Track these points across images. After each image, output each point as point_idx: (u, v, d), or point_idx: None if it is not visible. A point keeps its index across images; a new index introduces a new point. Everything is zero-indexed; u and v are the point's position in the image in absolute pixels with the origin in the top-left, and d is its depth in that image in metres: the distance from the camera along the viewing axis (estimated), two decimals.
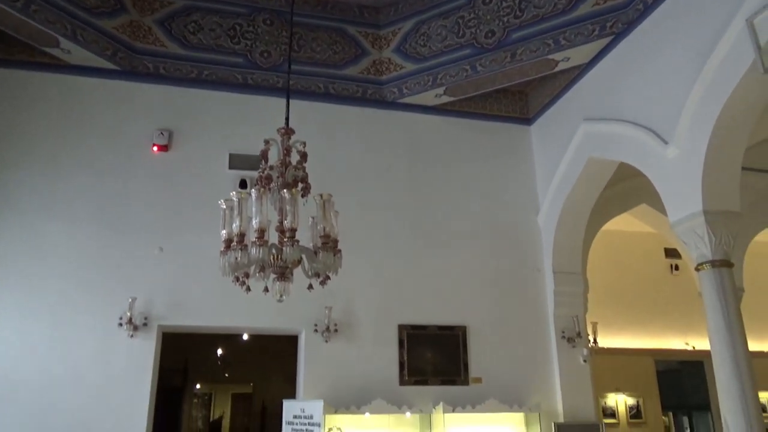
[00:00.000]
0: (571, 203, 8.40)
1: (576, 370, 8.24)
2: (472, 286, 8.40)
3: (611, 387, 10.87)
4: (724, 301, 5.81)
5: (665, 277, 11.98)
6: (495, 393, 7.75)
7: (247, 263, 3.65)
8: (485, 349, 8.14)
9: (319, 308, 7.67)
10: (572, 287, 8.54)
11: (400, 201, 8.59)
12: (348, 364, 7.66)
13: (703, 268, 6.00)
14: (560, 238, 8.59)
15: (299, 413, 7.03)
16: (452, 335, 8.10)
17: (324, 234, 3.86)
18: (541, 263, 8.74)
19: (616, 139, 7.32)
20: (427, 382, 7.84)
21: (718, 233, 5.92)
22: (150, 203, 7.77)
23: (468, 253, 8.55)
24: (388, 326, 7.97)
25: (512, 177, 9.17)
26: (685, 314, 11.33)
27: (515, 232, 8.86)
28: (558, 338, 8.32)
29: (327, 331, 7.64)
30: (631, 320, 11.37)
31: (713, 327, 5.84)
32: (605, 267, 10.95)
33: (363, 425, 7.31)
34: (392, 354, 7.87)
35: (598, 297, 9.50)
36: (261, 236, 3.64)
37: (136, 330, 7.18)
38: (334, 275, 4.47)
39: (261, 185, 3.89)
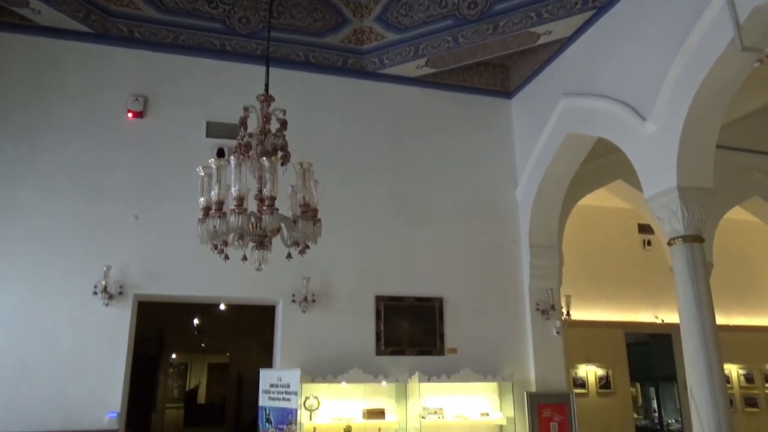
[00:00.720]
0: (549, 178, 8.47)
1: (549, 341, 8.42)
2: (450, 258, 8.48)
3: (582, 358, 11.14)
4: (694, 275, 5.96)
5: (638, 252, 12.21)
6: (470, 363, 7.89)
7: (226, 231, 3.61)
8: (461, 321, 8.26)
9: (296, 279, 7.68)
10: (548, 261, 8.67)
11: (379, 173, 8.57)
12: (325, 334, 7.71)
13: (676, 242, 6.13)
14: (537, 212, 8.69)
15: (276, 382, 7.08)
16: (429, 306, 8.19)
17: (304, 203, 3.84)
18: (517, 236, 8.84)
19: (595, 114, 7.37)
20: (403, 352, 7.94)
21: (691, 209, 6.04)
22: (125, 171, 7.64)
23: (446, 225, 8.60)
24: (365, 297, 8.03)
25: (491, 151, 9.20)
26: (655, 288, 11.60)
27: (493, 206, 8.93)
28: (532, 310, 8.47)
29: (304, 301, 7.66)
30: (604, 294, 11.61)
31: (683, 300, 5.99)
32: (580, 241, 11.11)
33: (340, 394, 7.39)
34: (369, 324, 7.94)
35: (573, 270, 9.66)
36: (240, 204, 3.61)
37: (112, 299, 7.11)
38: (313, 244, 4.46)
39: (240, 153, 3.83)
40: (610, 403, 11.15)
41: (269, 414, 7.05)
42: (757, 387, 12.29)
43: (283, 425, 6.83)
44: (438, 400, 7.65)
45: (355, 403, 7.40)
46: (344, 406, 7.37)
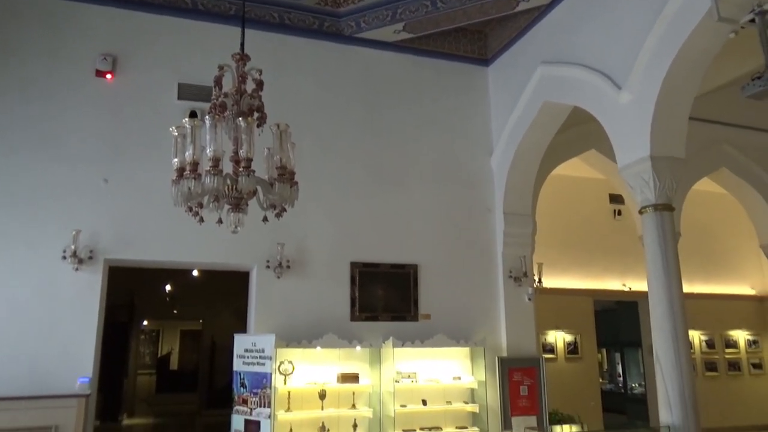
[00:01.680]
0: (524, 146, 8.51)
1: (520, 307, 8.57)
2: (425, 225, 8.51)
3: (552, 324, 11.39)
4: (663, 244, 6.09)
5: (608, 222, 12.44)
6: (443, 328, 8.00)
7: (201, 193, 3.54)
8: (435, 287, 8.34)
9: (271, 244, 7.64)
10: (521, 228, 8.77)
11: (354, 139, 8.50)
12: (300, 300, 7.72)
13: (646, 211, 6.24)
14: (512, 180, 8.74)
15: (251, 347, 7.09)
16: (403, 273, 8.24)
17: (280, 165, 3.78)
18: (492, 204, 8.91)
19: (572, 83, 7.39)
20: (377, 318, 8.01)
21: (662, 178, 6.14)
22: (93, 133, 7.42)
23: (422, 192, 8.62)
24: (340, 263, 8.03)
25: (468, 118, 9.18)
26: (624, 257, 11.86)
27: (468, 173, 8.96)
28: (505, 277, 8.59)
29: (279, 267, 7.64)
30: (574, 262, 11.83)
31: (652, 267, 6.13)
32: (553, 210, 11.26)
33: (314, 359, 7.44)
34: (344, 291, 7.97)
35: (545, 239, 9.80)
36: (215, 165, 3.53)
37: (81, 263, 6.98)
38: (289, 208, 4.42)
39: (215, 113, 3.74)
40: (577, 368, 11.47)
41: (244, 379, 7.07)
42: (717, 352, 12.77)
43: (258, 389, 6.87)
44: (411, 364, 7.76)
45: (330, 368, 7.47)
46: (319, 371, 7.42)
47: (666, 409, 5.81)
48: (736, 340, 13.02)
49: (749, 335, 13.13)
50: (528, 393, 8.06)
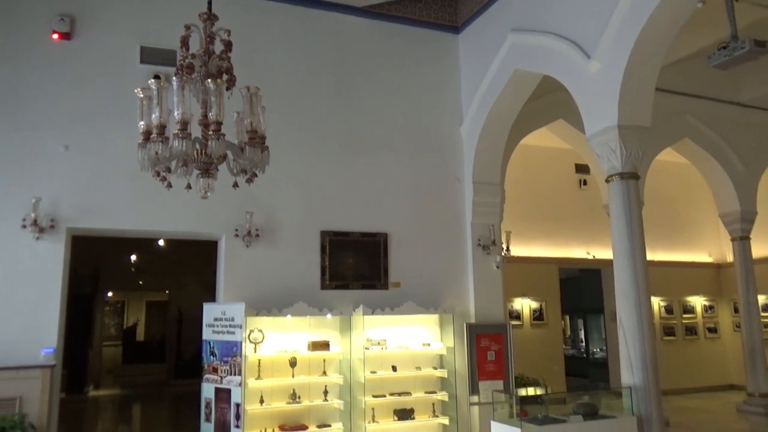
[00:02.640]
0: (494, 115, 8.52)
1: (489, 275, 8.70)
2: (395, 194, 8.51)
3: (519, 292, 11.63)
4: (628, 211, 6.23)
5: (574, 192, 12.65)
6: (413, 296, 8.08)
7: (169, 157, 3.44)
8: (405, 255, 8.38)
9: (240, 213, 7.54)
10: (490, 197, 8.84)
11: (324, 105, 8.38)
12: (269, 269, 7.67)
13: (613, 179, 6.36)
14: (481, 149, 8.77)
15: (220, 316, 7.04)
16: (374, 242, 8.25)
17: (251, 129, 3.68)
18: (461, 173, 8.94)
19: (542, 51, 7.39)
20: (348, 286, 8.02)
21: (629, 147, 6.25)
22: (51, 97, 7.14)
23: (392, 161, 8.58)
24: (310, 232, 7.99)
25: (438, 86, 9.13)
26: (588, 226, 12.12)
27: (438, 142, 8.95)
28: (474, 246, 8.69)
29: (248, 236, 7.56)
30: (541, 231, 12.04)
31: (617, 234, 6.27)
32: (520, 180, 11.39)
33: (284, 327, 7.44)
34: (314, 259, 7.94)
35: (513, 208, 9.92)
36: (184, 128, 3.42)
37: (42, 232, 6.78)
38: (259, 175, 4.34)
39: (182, 74, 3.61)
40: (542, 334, 11.77)
41: (213, 347, 7.04)
42: (675, 318, 13.25)
43: (228, 358, 6.85)
44: (381, 331, 7.83)
45: (300, 336, 7.48)
46: (289, 339, 7.43)
47: (628, 371, 6.01)
48: (694, 305, 13.53)
49: (706, 301, 13.65)
50: (495, 358, 8.23)
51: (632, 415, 5.80)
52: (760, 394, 10.30)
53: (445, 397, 7.88)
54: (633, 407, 5.84)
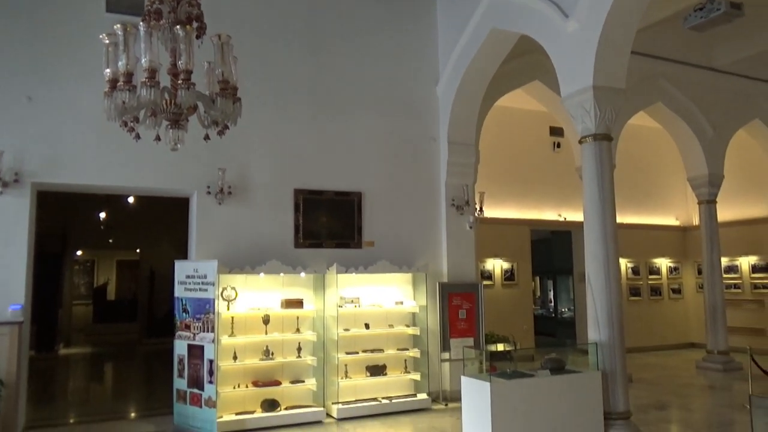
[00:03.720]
0: (470, 74, 8.46)
1: (462, 235, 8.77)
2: (369, 153, 8.45)
3: (491, 253, 11.77)
4: (600, 172, 6.30)
5: (547, 154, 12.73)
6: (386, 255, 8.12)
7: (136, 106, 3.33)
8: (379, 214, 8.39)
9: (212, 170, 7.42)
10: (465, 158, 8.85)
11: (298, 63, 8.20)
12: (242, 226, 7.61)
13: (586, 141, 6.40)
14: (457, 110, 8.74)
15: (192, 273, 6.99)
16: (348, 201, 8.23)
17: (222, 79, 3.58)
18: (437, 133, 8.91)
19: (519, 10, 7.31)
20: (321, 245, 8.02)
21: (603, 108, 6.27)
22: (11, 47, 6.84)
23: (367, 120, 8.50)
24: (284, 190, 7.92)
25: (415, 45, 9.00)
26: (561, 189, 12.26)
27: (414, 101, 8.87)
28: (448, 206, 8.73)
29: (220, 193, 7.46)
30: (513, 192, 12.13)
31: (589, 195, 6.35)
32: (495, 141, 11.40)
33: (258, 285, 7.43)
34: (288, 218, 7.90)
35: (486, 169, 9.96)
36: (152, 77, 3.31)
37: (6, 187, 6.59)
38: (232, 130, 4.24)
39: (149, 20, 3.47)
40: (513, 294, 11.99)
41: (186, 304, 7.00)
42: (641, 279, 13.61)
43: (201, 315, 6.83)
44: (355, 290, 7.88)
45: (274, 294, 7.49)
46: (262, 297, 7.43)
47: (594, 328, 6.17)
48: (659, 267, 13.90)
49: (671, 263, 14.03)
50: (466, 316, 8.38)
51: (597, 370, 5.99)
52: (719, 351, 10.71)
53: (417, 354, 8.02)
54: (598, 363, 6.02)
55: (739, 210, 13.01)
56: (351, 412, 7.36)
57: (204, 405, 6.59)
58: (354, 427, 6.97)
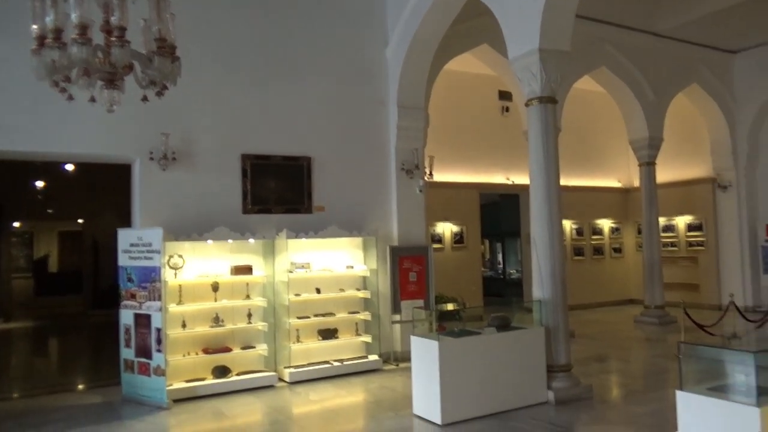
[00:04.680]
0: (419, 36, 8.41)
1: (411, 199, 8.84)
2: (318, 117, 8.34)
3: (441, 216, 11.92)
4: (545, 134, 6.42)
5: (496, 118, 12.86)
6: (336, 220, 8.11)
7: (67, 65, 3.16)
8: (329, 179, 8.34)
9: (154, 135, 7.18)
10: (414, 122, 8.85)
11: (244, 24, 7.94)
12: (188, 193, 7.43)
13: (532, 103, 6.50)
14: (406, 73, 8.69)
15: (136, 241, 6.81)
16: (297, 165, 8.14)
17: (159, 37, 3.43)
18: (386, 97, 8.86)
19: None
20: (270, 210, 7.93)
21: (548, 71, 6.36)
22: None
23: (315, 83, 8.35)
24: (230, 155, 7.76)
25: (364, 8, 8.84)
26: (509, 153, 12.45)
27: (364, 65, 8.77)
28: (397, 170, 8.75)
29: (164, 159, 7.24)
30: (463, 156, 12.25)
31: (534, 157, 6.48)
32: (444, 105, 11.43)
33: (205, 252, 7.32)
34: (235, 183, 7.76)
35: (436, 133, 10.00)
36: (83, 33, 3.14)
37: None
38: (173, 92, 4.11)
39: None
40: (462, 257, 12.21)
41: (131, 273, 6.84)
42: (584, 239, 14.08)
43: (147, 284, 6.69)
44: (305, 255, 7.87)
45: (222, 261, 7.40)
46: (211, 264, 7.33)
47: (538, 286, 6.38)
48: (602, 227, 14.41)
49: (613, 223, 14.56)
50: (416, 279, 8.51)
51: (541, 326, 6.22)
52: (655, 306, 11.28)
53: (368, 317, 8.12)
54: (542, 319, 6.25)
55: (677, 172, 13.55)
56: (303, 375, 7.43)
57: (153, 374, 6.52)
58: (306, 390, 7.05)
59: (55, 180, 12.99)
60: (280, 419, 6.02)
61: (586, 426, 5.47)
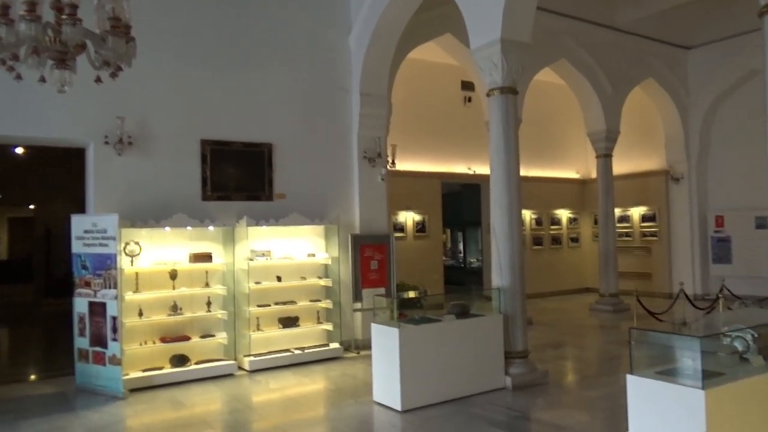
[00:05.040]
0: (383, 25, 8.38)
1: (374, 187, 8.84)
2: (281, 104, 8.25)
3: (403, 205, 11.96)
4: (506, 125, 6.50)
5: (459, 108, 12.94)
6: (298, 208, 8.06)
7: (15, 42, 3.04)
8: (290, 166, 8.26)
9: (109, 118, 6.98)
10: (377, 109, 8.84)
11: (204, 5, 7.76)
12: (145, 179, 7.26)
13: (493, 93, 6.56)
14: (369, 60, 8.66)
15: (91, 228, 6.62)
16: (258, 152, 8.03)
17: (113, 16, 3.32)
18: (349, 84, 8.81)
19: None
20: (230, 197, 7.82)
21: (510, 61, 6.42)
22: None
23: (278, 69, 8.24)
24: (189, 141, 7.60)
25: None
26: (471, 143, 12.56)
27: (326, 51, 8.69)
28: (360, 158, 8.73)
29: (120, 143, 7.04)
30: (425, 146, 12.31)
31: (494, 147, 6.56)
32: (407, 94, 11.45)
33: (163, 239, 7.17)
34: (194, 169, 7.62)
35: (399, 122, 10.01)
36: (32, 9, 3.02)
37: None
38: (129, 74, 4.00)
39: None
40: (424, 245, 12.30)
41: (85, 261, 6.65)
42: (543, 229, 14.36)
43: (102, 271, 6.52)
44: (266, 243, 7.80)
45: (181, 248, 7.26)
46: (169, 251, 7.20)
47: (497, 274, 6.49)
48: (560, 218, 14.71)
49: (570, 214, 14.88)
50: (378, 267, 8.54)
51: (499, 313, 6.33)
52: (610, 294, 11.61)
53: (329, 305, 8.12)
54: (500, 306, 6.35)
55: (633, 164, 13.92)
56: (263, 363, 7.38)
57: (108, 363, 6.38)
58: (266, 378, 7.01)
59: (4, 164, 12.47)
60: (240, 408, 5.98)
61: (542, 410, 5.61)
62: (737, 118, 12.51)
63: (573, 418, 5.24)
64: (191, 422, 5.43)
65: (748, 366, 3.59)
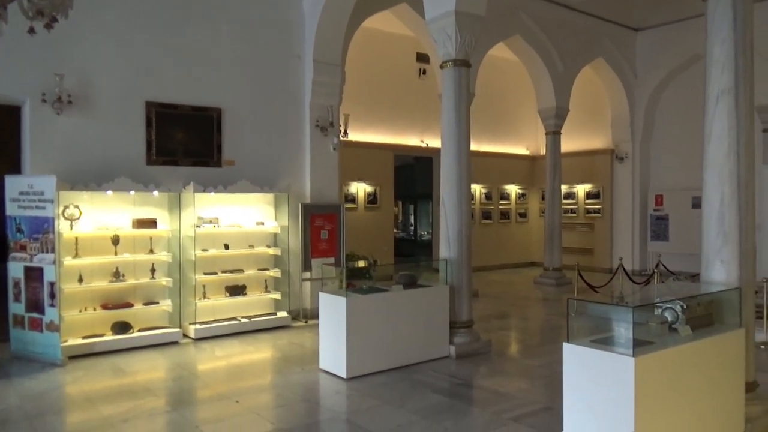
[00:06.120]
0: None
1: (325, 157, 8.76)
2: (231, 68, 8.02)
3: (355, 176, 11.92)
4: (458, 97, 6.53)
5: (413, 81, 12.90)
6: (247, 175, 7.92)
7: None
8: (240, 133, 8.09)
9: (47, 75, 6.63)
10: (330, 78, 8.71)
11: None
12: (86, 140, 6.97)
13: (447, 66, 6.56)
14: (323, 27, 8.49)
15: (27, 189, 6.33)
16: (206, 116, 7.82)
17: None
18: (302, 51, 8.64)
19: None
20: (177, 162, 7.61)
21: (464, 34, 6.42)
22: None
23: (229, 32, 7.99)
24: (133, 102, 7.32)
25: None
26: (425, 115, 12.57)
27: (280, 16, 8.47)
28: (312, 126, 8.62)
29: (58, 102, 6.72)
30: (378, 117, 12.25)
31: (446, 119, 6.59)
32: (361, 64, 11.32)
33: (105, 204, 6.94)
34: (138, 132, 7.36)
35: (352, 92, 9.92)
36: None
37: None
38: (64, 19, 3.77)
39: None
40: (375, 217, 12.34)
41: (20, 224, 6.37)
42: (493, 204, 14.60)
43: (39, 235, 6.27)
44: (214, 210, 7.66)
45: (124, 213, 7.05)
46: (111, 216, 6.97)
47: (445, 246, 6.58)
48: (509, 193, 14.98)
49: (519, 189, 15.17)
50: (328, 237, 8.53)
51: (446, 284, 6.43)
52: (554, 269, 11.97)
53: (277, 274, 8.07)
54: (447, 277, 6.46)
55: (580, 142, 14.26)
56: (209, 332, 7.31)
57: (45, 329, 6.18)
58: (212, 346, 6.95)
59: None
60: (184, 375, 5.92)
61: (484, 378, 5.77)
62: (680, 101, 12.93)
63: (513, 386, 5.42)
64: (133, 389, 5.35)
65: (677, 336, 3.78)
